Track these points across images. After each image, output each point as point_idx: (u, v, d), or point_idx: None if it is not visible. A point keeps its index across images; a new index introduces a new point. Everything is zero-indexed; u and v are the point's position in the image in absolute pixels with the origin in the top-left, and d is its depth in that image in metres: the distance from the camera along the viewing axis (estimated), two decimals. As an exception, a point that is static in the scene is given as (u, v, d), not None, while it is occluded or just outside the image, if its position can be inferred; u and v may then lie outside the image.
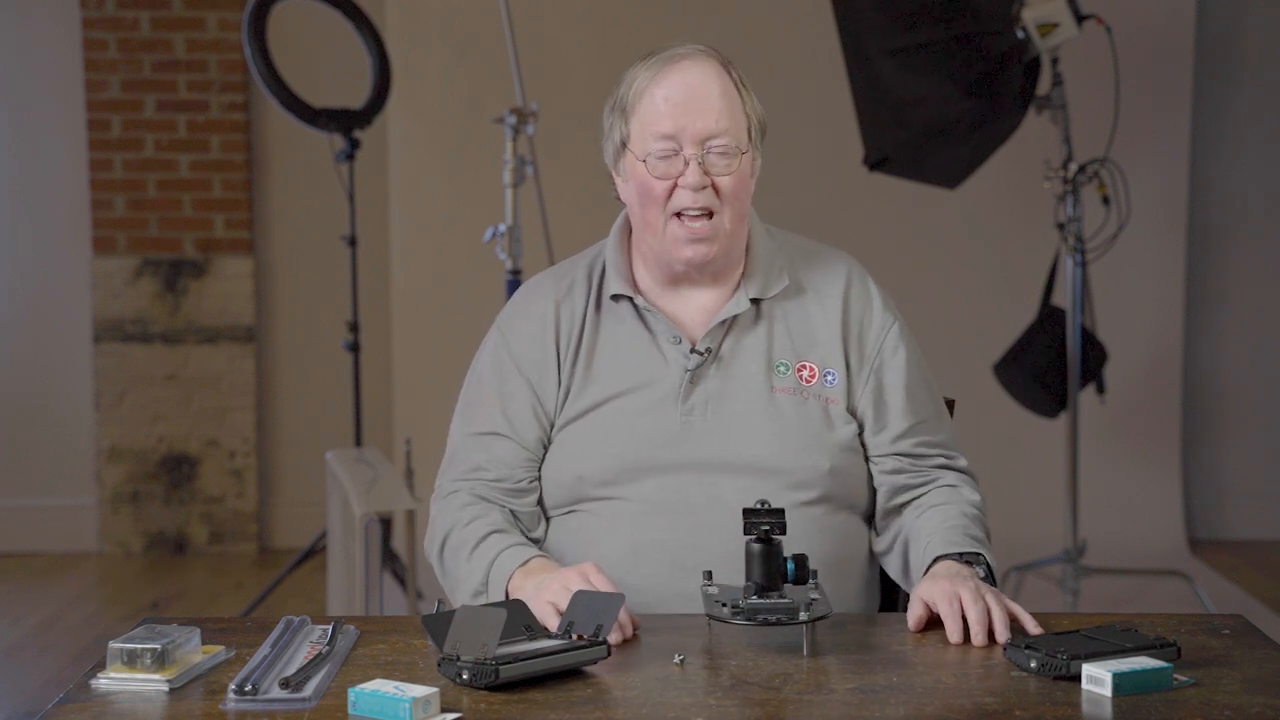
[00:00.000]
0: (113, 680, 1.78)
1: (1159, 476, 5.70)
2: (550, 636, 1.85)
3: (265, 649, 1.86)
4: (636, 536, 2.15)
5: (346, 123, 4.71)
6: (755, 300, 2.22)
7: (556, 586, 1.98)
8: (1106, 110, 4.63)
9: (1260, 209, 5.79)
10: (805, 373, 2.21)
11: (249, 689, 1.73)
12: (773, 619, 1.87)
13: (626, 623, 1.95)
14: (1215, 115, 5.73)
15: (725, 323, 2.21)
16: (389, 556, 4.40)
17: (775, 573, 1.90)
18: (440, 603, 2.00)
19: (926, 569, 2.11)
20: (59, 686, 4.08)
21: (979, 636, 1.92)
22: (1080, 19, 4.37)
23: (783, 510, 1.91)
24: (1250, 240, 5.79)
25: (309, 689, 1.75)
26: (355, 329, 4.78)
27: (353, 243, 4.76)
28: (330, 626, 1.95)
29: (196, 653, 1.84)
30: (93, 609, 5.14)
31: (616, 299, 2.24)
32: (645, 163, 2.15)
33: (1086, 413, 5.10)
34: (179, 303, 5.75)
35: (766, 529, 1.90)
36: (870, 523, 2.28)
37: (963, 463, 2.28)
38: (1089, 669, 1.75)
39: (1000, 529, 2.44)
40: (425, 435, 4.80)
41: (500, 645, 1.78)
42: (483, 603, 2.08)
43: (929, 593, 1.99)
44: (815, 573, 1.93)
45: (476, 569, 2.14)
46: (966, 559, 2.10)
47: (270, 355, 5.86)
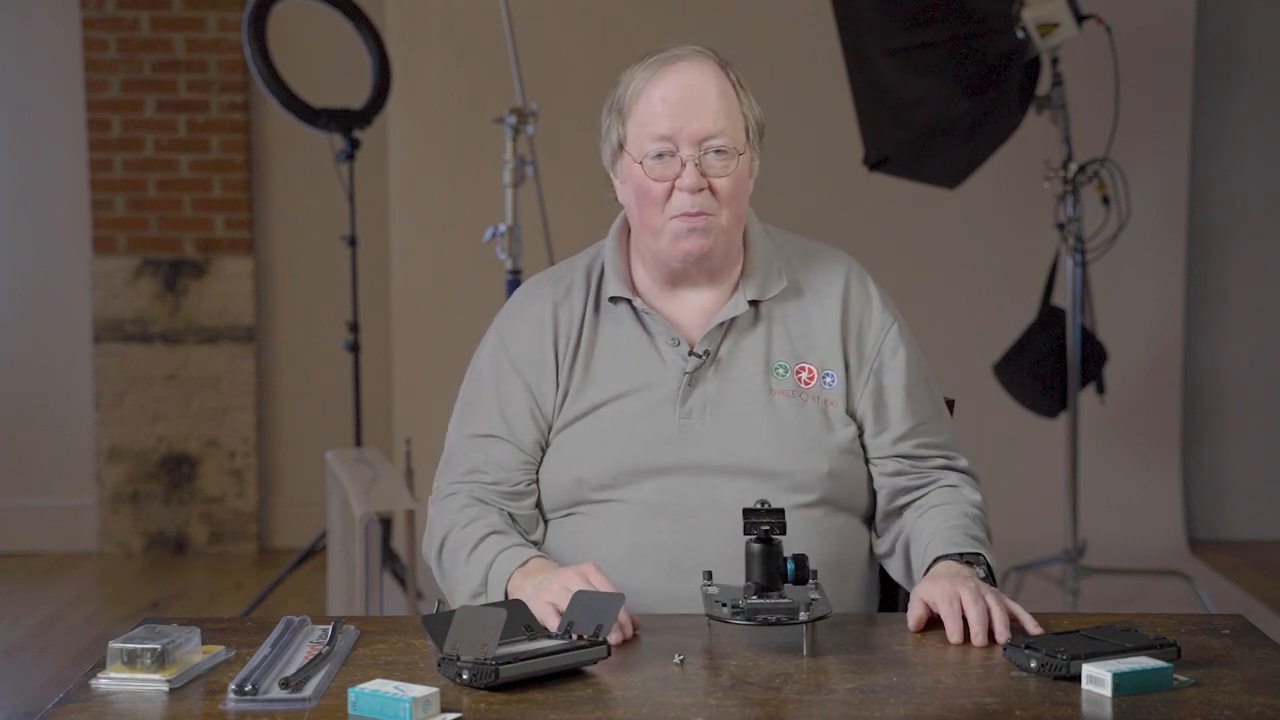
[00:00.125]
0: (113, 680, 1.78)
1: (1159, 476, 5.70)
2: (550, 636, 1.85)
3: (265, 649, 1.86)
4: (635, 539, 2.15)
5: (346, 123, 4.71)
6: (754, 302, 2.22)
7: (556, 587, 1.97)
8: (1106, 110, 4.63)
9: (1260, 209, 5.79)
10: (804, 374, 2.21)
11: (249, 689, 1.73)
12: (773, 619, 1.87)
13: (626, 623, 1.94)
14: (1215, 115, 5.73)
15: (723, 325, 2.21)
16: (389, 556, 4.39)
17: (775, 573, 1.90)
18: (440, 603, 2.00)
19: (927, 569, 2.12)
20: (59, 686, 4.08)
21: (979, 637, 1.92)
22: (1080, 19, 4.37)
23: (783, 510, 1.91)
24: (1250, 240, 5.79)
25: (309, 689, 1.75)
26: (355, 329, 4.78)
27: (353, 243, 4.76)
28: (330, 626, 1.95)
29: (196, 653, 1.84)
30: (93, 609, 5.14)
31: (615, 301, 2.23)
32: (642, 164, 2.15)
33: (1086, 413, 5.10)
34: (179, 303, 5.75)
35: (766, 529, 1.89)
36: (870, 524, 2.28)
37: (964, 463, 2.28)
38: (1089, 669, 1.75)
39: (1000, 529, 2.44)
40: (425, 435, 4.80)
41: (500, 645, 1.78)
42: (482, 604, 2.07)
43: (929, 593, 1.99)
44: (815, 573, 1.93)
45: (475, 570, 2.13)
46: (967, 559, 2.10)
47: (270, 355, 5.86)
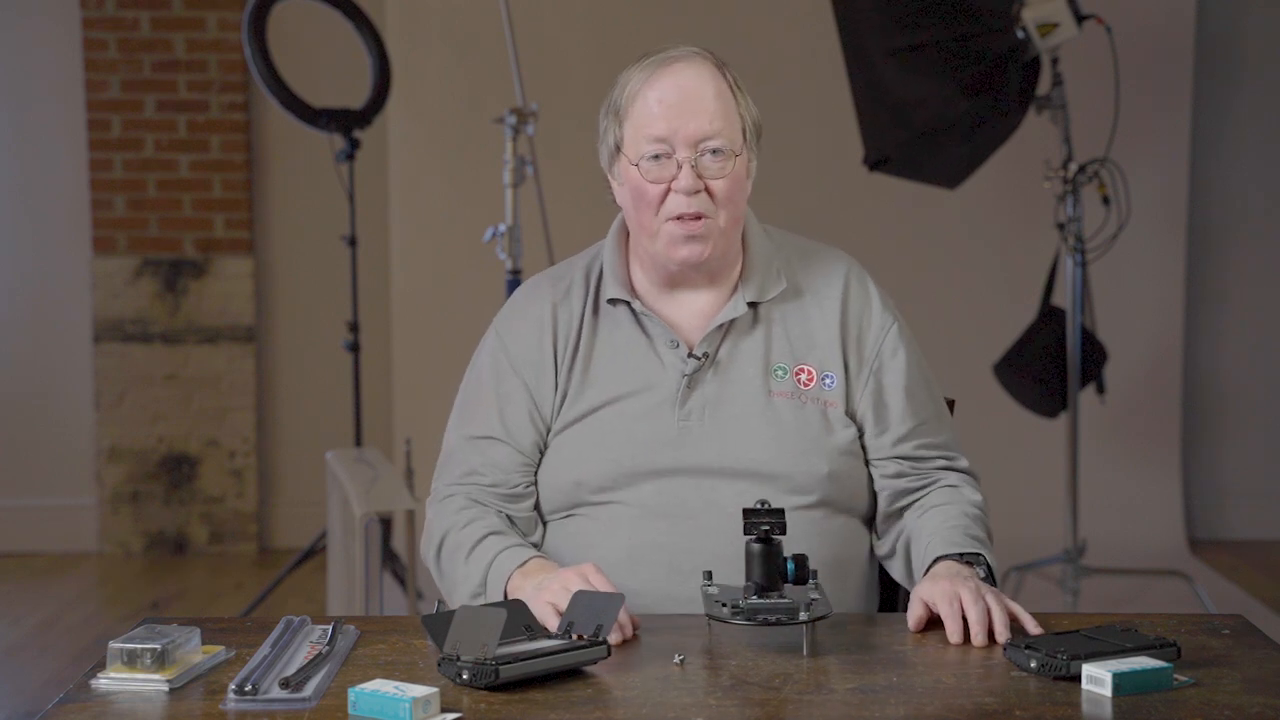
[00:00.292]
0: (113, 680, 1.78)
1: (1159, 476, 5.70)
2: (550, 636, 1.85)
3: (265, 649, 1.86)
4: (634, 540, 2.15)
5: (346, 123, 4.71)
6: (753, 304, 2.21)
7: (556, 587, 1.97)
8: (1106, 110, 4.63)
9: (1260, 209, 5.79)
10: (803, 376, 2.20)
11: (249, 689, 1.73)
12: (773, 619, 1.87)
13: (626, 623, 1.94)
14: (1215, 115, 5.73)
15: (722, 327, 2.21)
16: (389, 556, 4.39)
17: (775, 573, 1.90)
18: (440, 603, 2.00)
19: (927, 569, 2.11)
20: (59, 686, 4.08)
21: (979, 637, 1.92)
22: (1080, 19, 4.37)
23: (783, 510, 1.91)
24: (1250, 240, 5.79)
25: (309, 689, 1.75)
26: (355, 329, 4.78)
27: (353, 243, 4.76)
28: (330, 626, 1.94)
29: (196, 653, 1.83)
30: (93, 609, 5.14)
31: (613, 303, 2.23)
32: (639, 166, 2.14)
33: (1086, 413, 5.10)
34: (179, 303, 5.75)
35: (766, 529, 1.89)
36: (869, 524, 2.28)
37: (964, 463, 2.28)
38: (1089, 669, 1.75)
39: (1000, 529, 2.43)
40: (425, 435, 4.78)
41: (500, 645, 1.77)
42: (481, 604, 2.07)
43: (929, 593, 1.99)
44: (815, 573, 1.93)
45: (474, 571, 2.13)
46: (967, 559, 2.10)
47: (270, 355, 5.86)
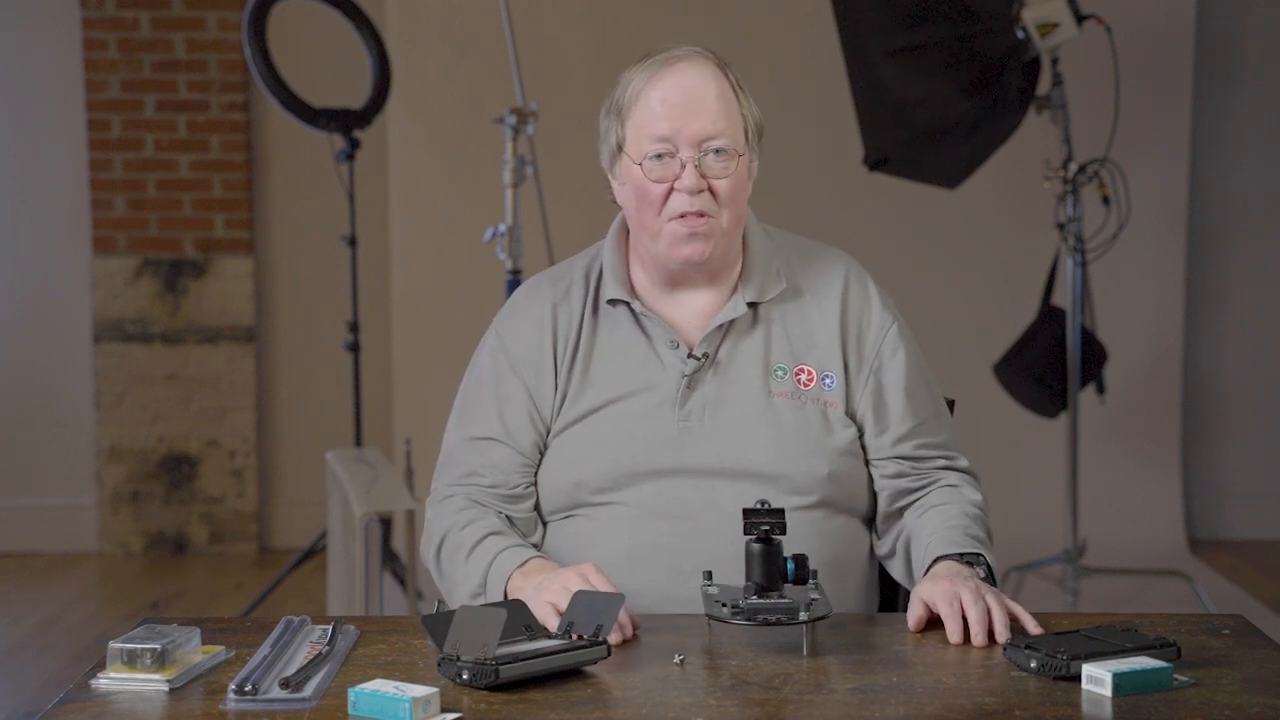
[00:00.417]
0: (113, 680, 1.78)
1: (1159, 476, 5.70)
2: (550, 636, 1.85)
3: (265, 649, 1.86)
4: (634, 541, 2.15)
5: (346, 123, 4.70)
6: (752, 304, 2.21)
7: (556, 587, 1.97)
8: (1106, 110, 4.63)
9: (1260, 209, 5.79)
10: (803, 376, 2.20)
11: (249, 689, 1.73)
12: (773, 619, 1.87)
13: (626, 623, 1.94)
14: (1215, 115, 5.73)
15: (722, 327, 2.21)
16: (389, 556, 4.39)
17: (775, 573, 1.90)
18: (440, 603, 2.00)
19: (927, 569, 2.11)
20: (59, 686, 4.08)
21: (979, 637, 1.92)
22: (1080, 19, 4.37)
23: (783, 510, 1.91)
24: (1250, 240, 5.79)
25: (309, 689, 1.75)
26: (355, 329, 4.78)
27: (353, 243, 4.76)
28: (330, 626, 1.94)
29: (196, 653, 1.83)
30: (93, 609, 5.14)
31: (613, 304, 2.23)
32: (641, 166, 2.14)
33: (1086, 413, 5.10)
34: (179, 303, 5.75)
35: (766, 529, 1.89)
36: (869, 524, 2.28)
37: (964, 463, 2.28)
38: (1089, 669, 1.75)
39: (1000, 529, 2.44)
40: (425, 435, 4.79)
41: (500, 645, 1.77)
42: (481, 604, 2.07)
43: (929, 593, 1.99)
44: (815, 573, 1.93)
45: (474, 571, 2.13)
46: (967, 559, 2.10)
47: (270, 355, 5.86)
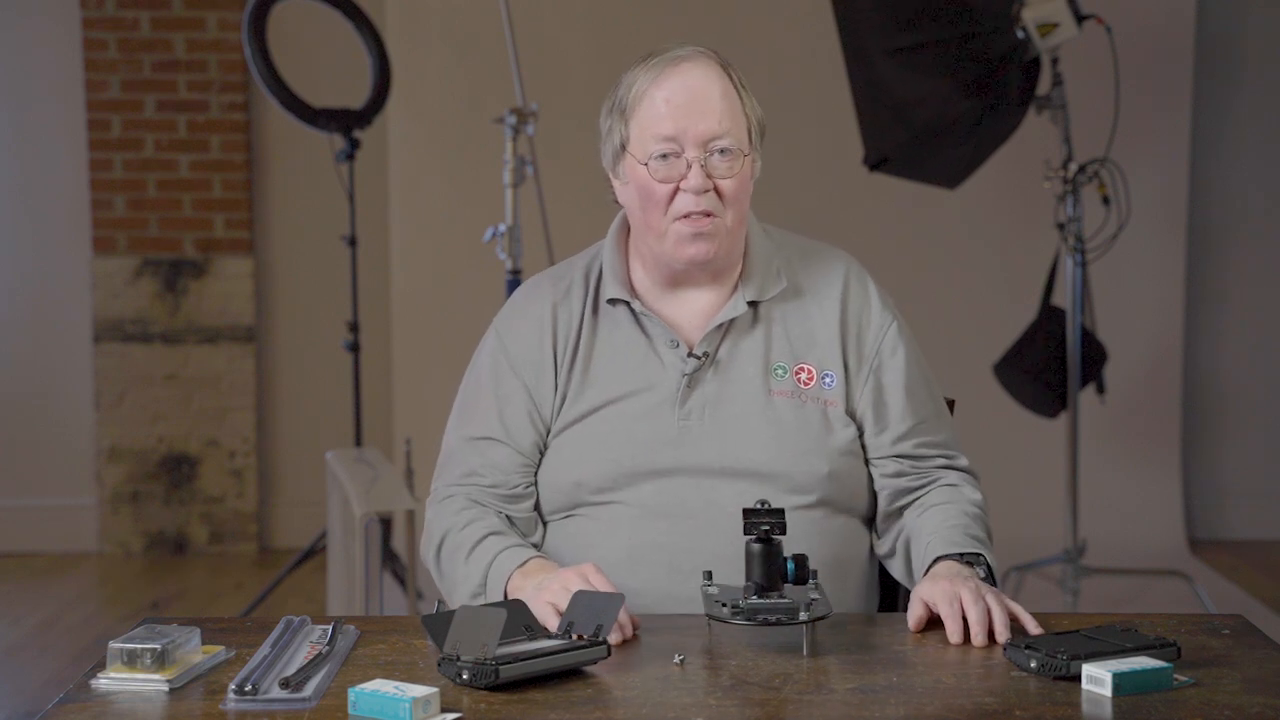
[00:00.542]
0: (113, 680, 1.78)
1: (1159, 476, 5.70)
2: (550, 636, 1.85)
3: (265, 649, 1.86)
4: (634, 540, 2.15)
5: (346, 123, 4.70)
6: (753, 303, 2.21)
7: (556, 587, 1.97)
8: (1106, 110, 4.63)
9: (1260, 209, 5.79)
10: (803, 375, 2.21)
11: (249, 689, 1.73)
12: (773, 619, 1.87)
13: (626, 623, 1.94)
14: (1215, 115, 5.73)
15: (722, 326, 2.21)
16: (389, 556, 4.39)
17: (775, 573, 1.90)
18: (440, 603, 2.00)
19: (927, 569, 2.11)
20: (59, 686, 4.08)
21: (979, 637, 1.92)
22: (1080, 19, 4.37)
23: (783, 510, 1.91)
24: (1250, 240, 5.79)
25: (309, 689, 1.75)
26: (355, 329, 4.78)
27: (353, 243, 4.76)
28: (330, 626, 1.94)
29: (196, 653, 1.83)
30: (93, 609, 5.14)
31: (613, 303, 2.23)
32: (647, 166, 2.14)
33: (1086, 413, 5.10)
34: (179, 303, 5.75)
35: (766, 529, 1.89)
36: (869, 524, 2.28)
37: (964, 462, 2.28)
38: (1089, 669, 1.75)
39: (1000, 529, 2.44)
40: (425, 435, 4.79)
41: (500, 645, 1.77)
42: (481, 604, 2.07)
43: (929, 593, 1.99)
44: (815, 573, 1.93)
45: (474, 571, 2.13)
46: (967, 559, 2.10)
47: (270, 355, 5.86)
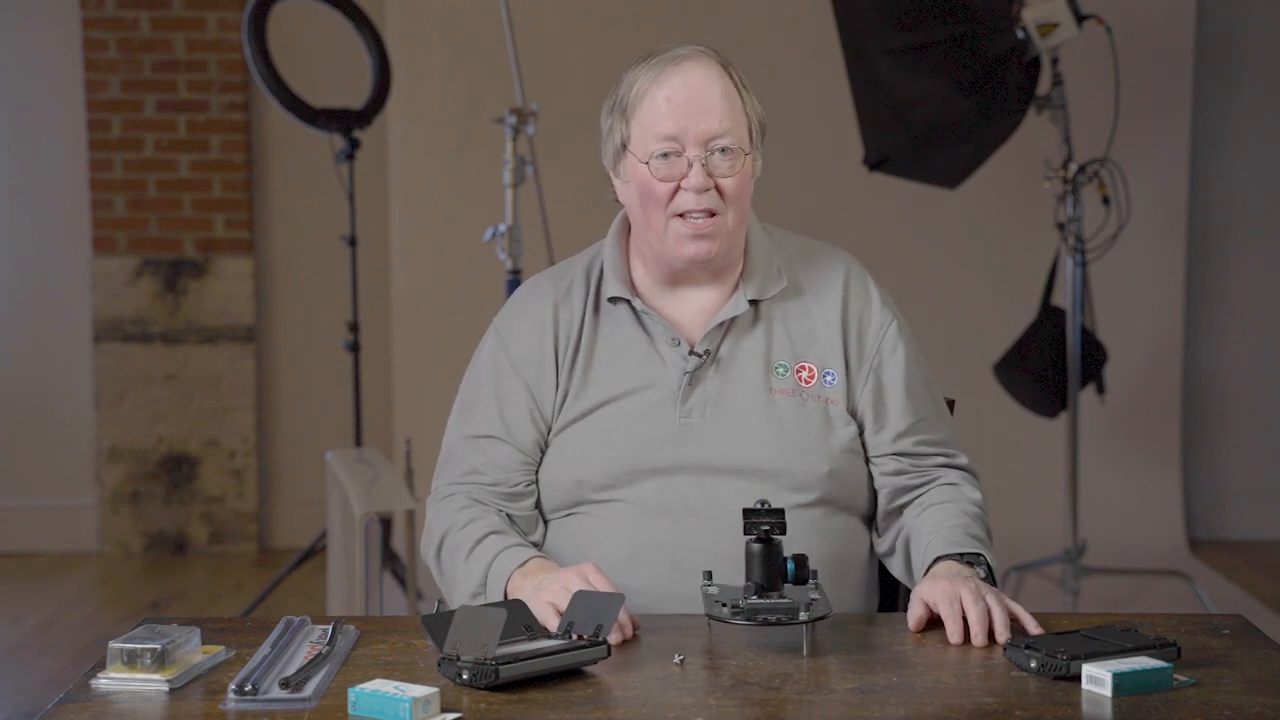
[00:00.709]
0: (113, 680, 1.78)
1: (1159, 476, 5.70)
2: (550, 636, 1.85)
3: (265, 649, 1.86)
4: (636, 538, 2.15)
5: (346, 123, 4.70)
6: (754, 301, 2.22)
7: (556, 587, 1.97)
8: (1106, 110, 4.63)
9: (1260, 209, 5.79)
10: (804, 374, 2.21)
11: (249, 689, 1.73)
12: (773, 619, 1.87)
13: (626, 623, 1.94)
14: (1215, 115, 5.73)
15: (723, 325, 2.21)
16: (389, 556, 4.39)
17: (775, 573, 1.90)
18: (440, 603, 2.00)
19: (927, 569, 2.11)
20: (59, 686, 4.08)
21: (979, 637, 1.92)
22: (1080, 19, 4.37)
23: (783, 510, 1.91)
24: (1250, 240, 5.79)
25: (309, 689, 1.75)
26: (355, 329, 4.78)
27: (353, 243, 4.76)
28: (330, 626, 1.94)
29: (196, 653, 1.83)
30: (93, 609, 5.14)
31: (614, 301, 2.24)
32: (648, 164, 2.15)
33: (1086, 413, 5.10)
34: (179, 303, 5.75)
35: (766, 529, 1.89)
36: (869, 523, 2.28)
37: (963, 460, 2.28)
38: (1089, 669, 1.75)
39: (1000, 529, 2.44)
40: (425, 435, 4.79)
41: (500, 645, 1.77)
42: (481, 604, 2.07)
43: (929, 593, 1.99)
44: (815, 573, 1.93)
45: (474, 570, 2.13)
46: (967, 559, 2.10)
47: (270, 355, 5.86)
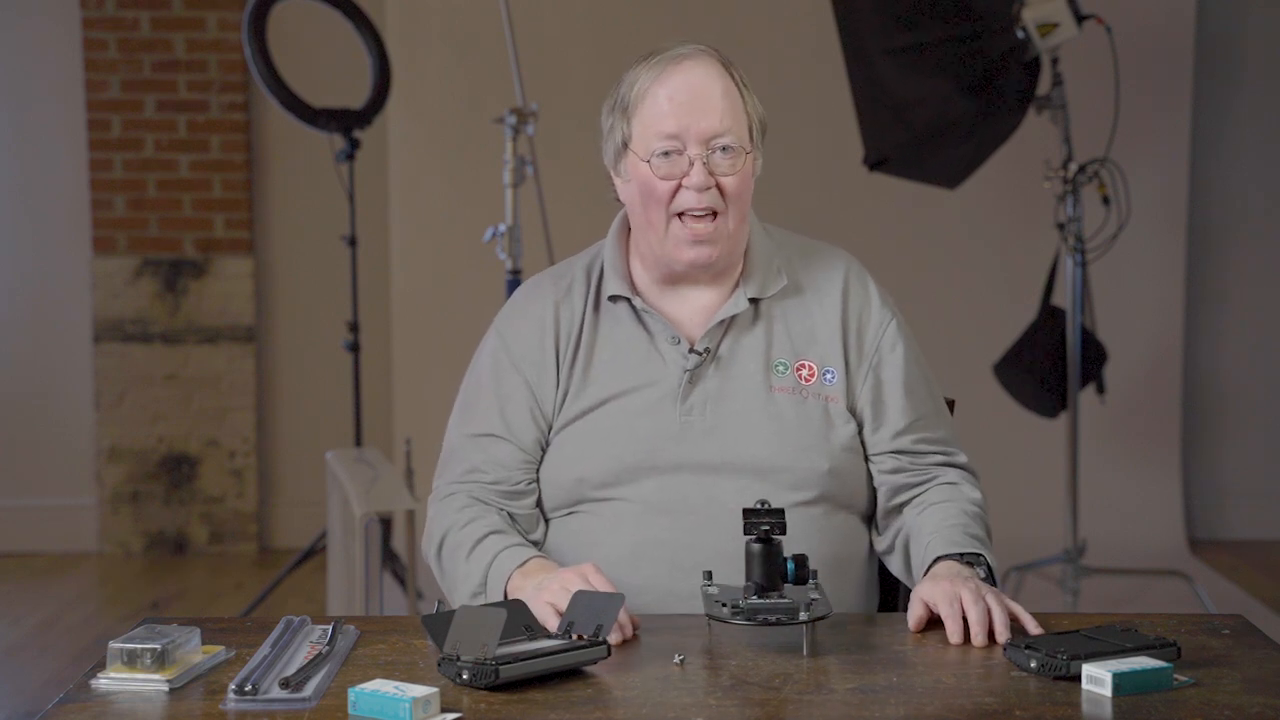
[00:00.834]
0: (113, 680, 1.78)
1: (1159, 476, 5.70)
2: (550, 636, 1.85)
3: (265, 649, 1.86)
4: (637, 536, 2.15)
5: (346, 123, 4.70)
6: (754, 300, 2.22)
7: (556, 587, 1.97)
8: (1106, 110, 4.63)
9: (1260, 209, 5.79)
10: (804, 372, 2.21)
11: (249, 689, 1.73)
12: (773, 619, 1.87)
13: (626, 623, 1.94)
14: (1215, 115, 5.73)
15: (724, 323, 2.21)
16: (389, 556, 4.39)
17: (775, 573, 1.90)
18: (440, 603, 2.00)
19: (927, 569, 2.12)
20: (59, 686, 4.08)
21: (979, 637, 1.92)
22: (1080, 19, 4.37)
23: (783, 510, 1.91)
24: (1250, 240, 5.79)
25: (309, 689, 1.75)
26: (355, 329, 4.78)
27: (353, 243, 4.76)
28: (330, 626, 1.94)
29: (196, 653, 1.83)
30: (93, 609, 5.14)
31: (614, 300, 2.24)
32: (649, 163, 2.15)
33: (1086, 413, 5.10)
34: (179, 303, 5.75)
35: (766, 529, 1.89)
36: (869, 522, 2.28)
37: (963, 459, 2.28)
38: (1089, 669, 1.75)
39: (1000, 529, 2.44)
40: (425, 435, 4.80)
41: (500, 645, 1.78)
42: (481, 603, 2.07)
43: (929, 593, 1.99)
44: (815, 573, 1.93)
45: (475, 570, 2.14)
46: (967, 559, 2.10)
47: (270, 355, 5.86)
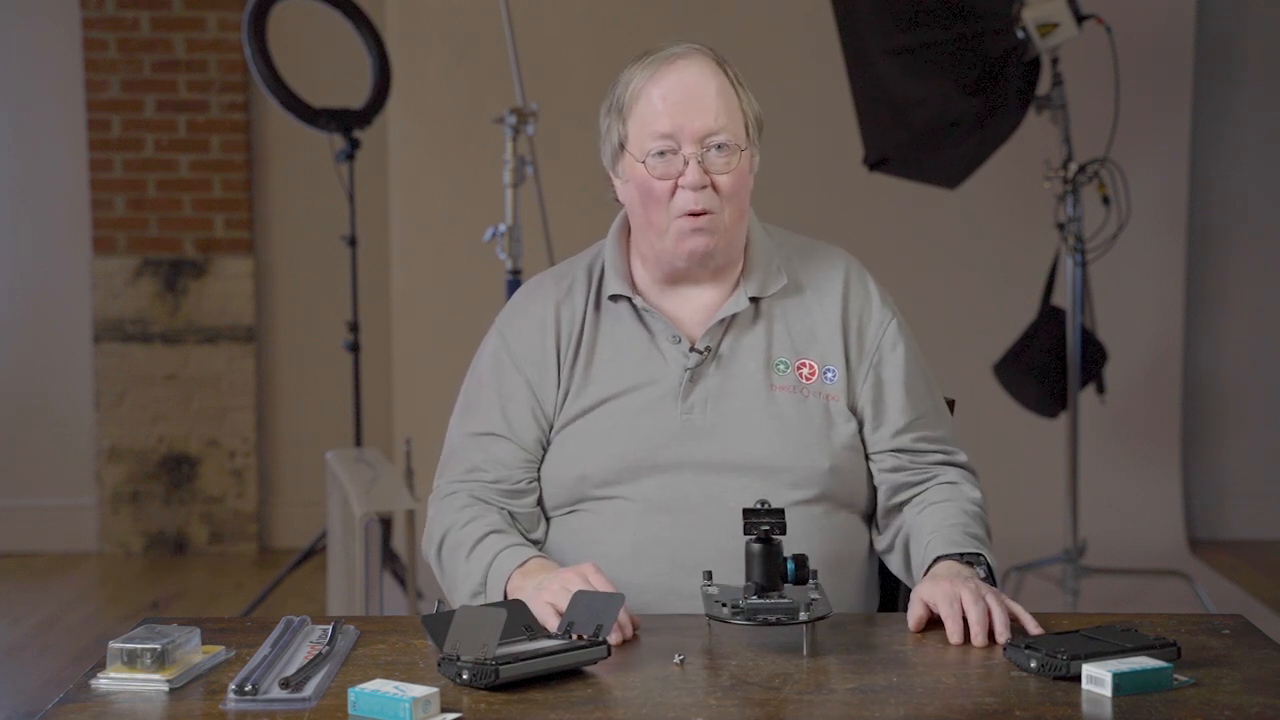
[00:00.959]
0: (113, 680, 1.78)
1: (1159, 476, 5.70)
2: (550, 636, 1.85)
3: (265, 649, 1.86)
4: (638, 535, 2.15)
5: (346, 123, 4.71)
6: (754, 299, 2.22)
7: (556, 587, 1.97)
8: (1106, 110, 4.63)
9: (1260, 209, 5.79)
10: (805, 370, 2.21)
11: (249, 689, 1.73)
12: (773, 619, 1.87)
13: (626, 623, 1.94)
14: (1215, 115, 5.73)
15: (724, 321, 2.21)
16: (389, 556, 4.40)
17: (775, 573, 1.90)
18: (440, 603, 2.00)
19: (927, 569, 2.12)
20: (59, 686, 4.08)
21: (979, 637, 1.92)
22: (1080, 19, 4.37)
23: (783, 510, 1.91)
24: (1250, 240, 5.79)
25: (309, 689, 1.75)
26: (355, 329, 4.78)
27: (353, 243, 4.76)
28: (330, 626, 1.95)
29: (196, 653, 1.84)
30: (93, 609, 5.13)
31: (615, 299, 2.24)
32: (645, 163, 2.15)
33: (1086, 413, 5.10)
34: (179, 303, 5.75)
35: (766, 529, 1.89)
36: (869, 522, 2.28)
37: (962, 458, 2.28)
38: (1089, 669, 1.75)
39: (1000, 529, 2.44)
40: (425, 435, 4.80)
41: (500, 645, 1.78)
42: (481, 603, 2.08)
43: (929, 593, 1.99)
44: (815, 573, 1.93)
45: (475, 569, 2.14)
46: (967, 559, 2.10)
47: (270, 355, 5.86)
